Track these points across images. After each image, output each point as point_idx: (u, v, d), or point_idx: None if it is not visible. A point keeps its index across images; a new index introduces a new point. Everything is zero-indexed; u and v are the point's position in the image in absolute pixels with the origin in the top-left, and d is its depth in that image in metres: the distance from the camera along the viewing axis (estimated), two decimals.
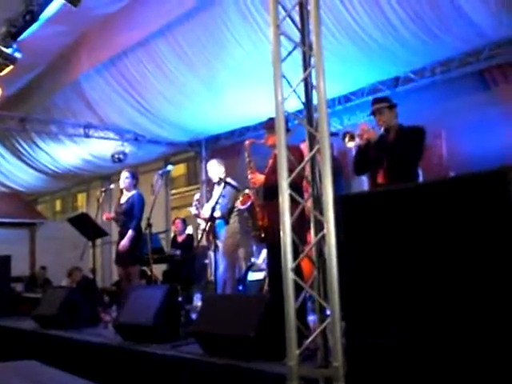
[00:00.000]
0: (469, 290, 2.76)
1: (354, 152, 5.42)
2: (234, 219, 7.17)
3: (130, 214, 7.42)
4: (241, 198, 6.36)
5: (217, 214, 6.79)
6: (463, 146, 7.74)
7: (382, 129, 5.15)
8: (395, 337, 3.02)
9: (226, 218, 7.08)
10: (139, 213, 7.43)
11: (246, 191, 6.16)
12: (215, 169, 7.37)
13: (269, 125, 5.34)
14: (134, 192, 7.61)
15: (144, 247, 7.38)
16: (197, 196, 7.91)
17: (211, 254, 7.11)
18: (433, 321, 2.89)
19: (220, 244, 7.01)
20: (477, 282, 2.74)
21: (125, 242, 7.30)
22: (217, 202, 6.75)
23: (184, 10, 7.84)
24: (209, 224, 6.68)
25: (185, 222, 10.32)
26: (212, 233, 6.71)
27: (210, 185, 7.98)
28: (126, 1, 8.59)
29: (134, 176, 7.78)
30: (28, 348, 6.74)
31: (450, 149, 7.92)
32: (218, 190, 7.15)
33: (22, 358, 3.32)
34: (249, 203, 6.09)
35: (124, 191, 7.72)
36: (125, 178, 7.68)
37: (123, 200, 7.66)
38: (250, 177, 5.75)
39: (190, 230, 10.89)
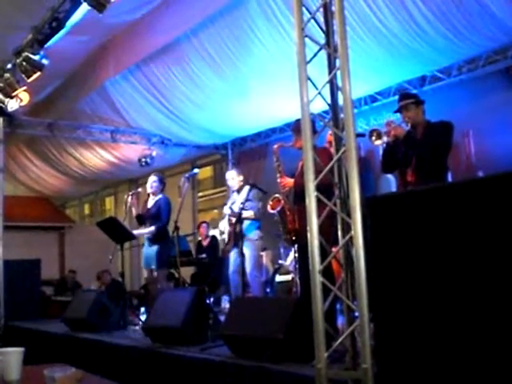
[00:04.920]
0: (502, 292, 2.72)
1: (381, 150, 5.37)
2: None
3: (158, 218, 7.48)
4: (271, 203, 6.36)
5: (248, 214, 7.06)
6: (491, 144, 7.65)
7: (409, 125, 5.10)
8: (424, 339, 3.00)
9: (260, 219, 7.25)
10: (166, 216, 7.48)
11: (276, 195, 6.17)
12: (235, 178, 7.54)
13: (296, 127, 5.32)
14: (160, 196, 7.67)
15: (172, 250, 7.42)
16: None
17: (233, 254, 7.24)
18: (463, 323, 2.85)
19: (249, 244, 7.09)
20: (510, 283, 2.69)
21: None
22: (243, 206, 6.84)
23: (211, 11, 7.85)
24: (237, 225, 6.82)
25: (209, 226, 10.41)
26: (240, 233, 6.83)
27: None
28: (150, 7, 8.63)
29: (162, 181, 7.83)
30: (58, 351, 6.80)
31: (478, 148, 7.83)
32: (241, 196, 7.23)
33: (52, 361, 3.34)
34: (279, 207, 6.10)
35: (151, 195, 7.77)
36: (152, 181, 7.73)
37: (150, 204, 7.71)
38: (279, 181, 5.77)
39: (213, 232, 10.93)
